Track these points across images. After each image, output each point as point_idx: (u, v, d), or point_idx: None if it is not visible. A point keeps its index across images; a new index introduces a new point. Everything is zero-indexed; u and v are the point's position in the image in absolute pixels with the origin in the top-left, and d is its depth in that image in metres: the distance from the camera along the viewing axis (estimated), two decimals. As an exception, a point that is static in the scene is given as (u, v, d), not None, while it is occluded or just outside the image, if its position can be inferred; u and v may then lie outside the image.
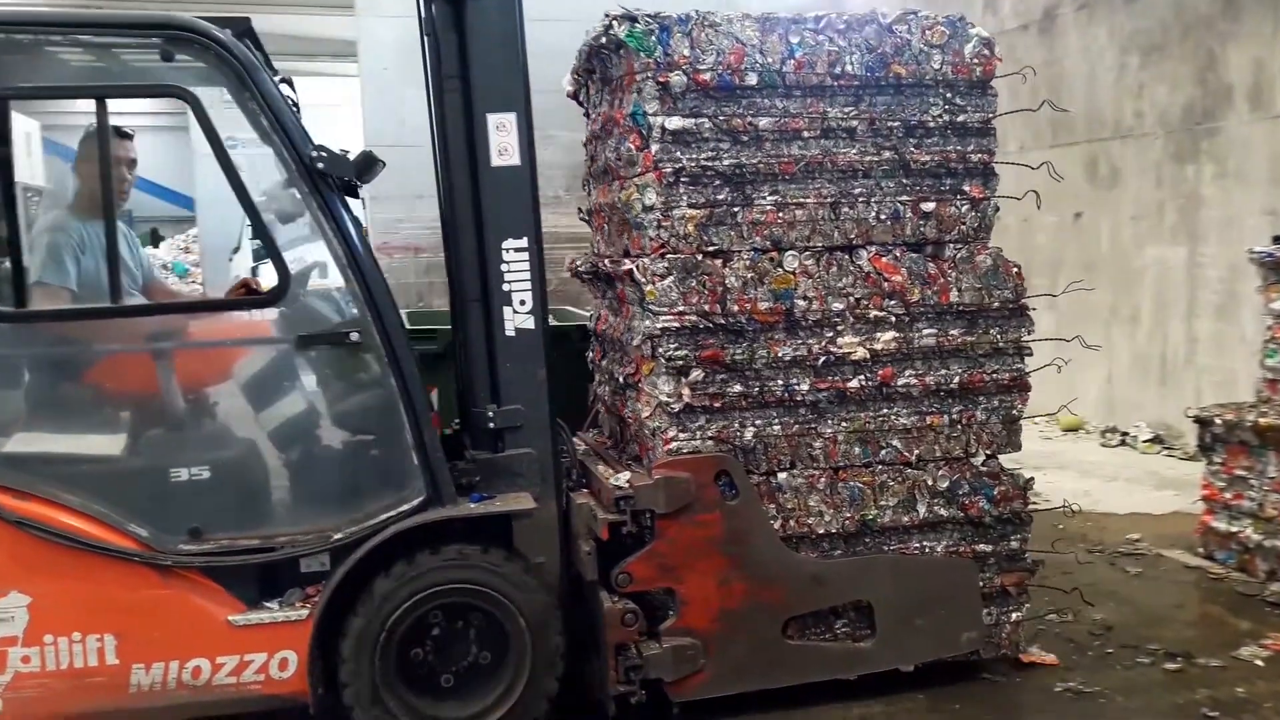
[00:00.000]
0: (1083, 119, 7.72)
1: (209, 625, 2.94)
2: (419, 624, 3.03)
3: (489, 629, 3.09)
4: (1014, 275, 3.45)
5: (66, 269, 3.09)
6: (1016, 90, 8.19)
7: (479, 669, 3.11)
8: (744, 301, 3.24)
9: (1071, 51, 7.85)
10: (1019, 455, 3.58)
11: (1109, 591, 4.43)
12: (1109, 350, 7.48)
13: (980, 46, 3.33)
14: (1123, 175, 7.41)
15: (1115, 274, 7.46)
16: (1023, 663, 3.67)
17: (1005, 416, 3.51)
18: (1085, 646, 3.86)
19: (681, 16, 3.13)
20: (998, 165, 3.43)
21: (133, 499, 2.89)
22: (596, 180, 3.79)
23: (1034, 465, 6.52)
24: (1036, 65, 7.98)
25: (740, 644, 3.29)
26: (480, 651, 3.10)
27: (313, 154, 2.87)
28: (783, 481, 3.34)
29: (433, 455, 3.06)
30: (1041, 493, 5.86)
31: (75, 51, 2.78)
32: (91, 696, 2.90)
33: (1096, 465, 6.79)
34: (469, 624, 3.08)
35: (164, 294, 3.51)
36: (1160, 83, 7.08)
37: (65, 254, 3.09)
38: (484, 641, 3.10)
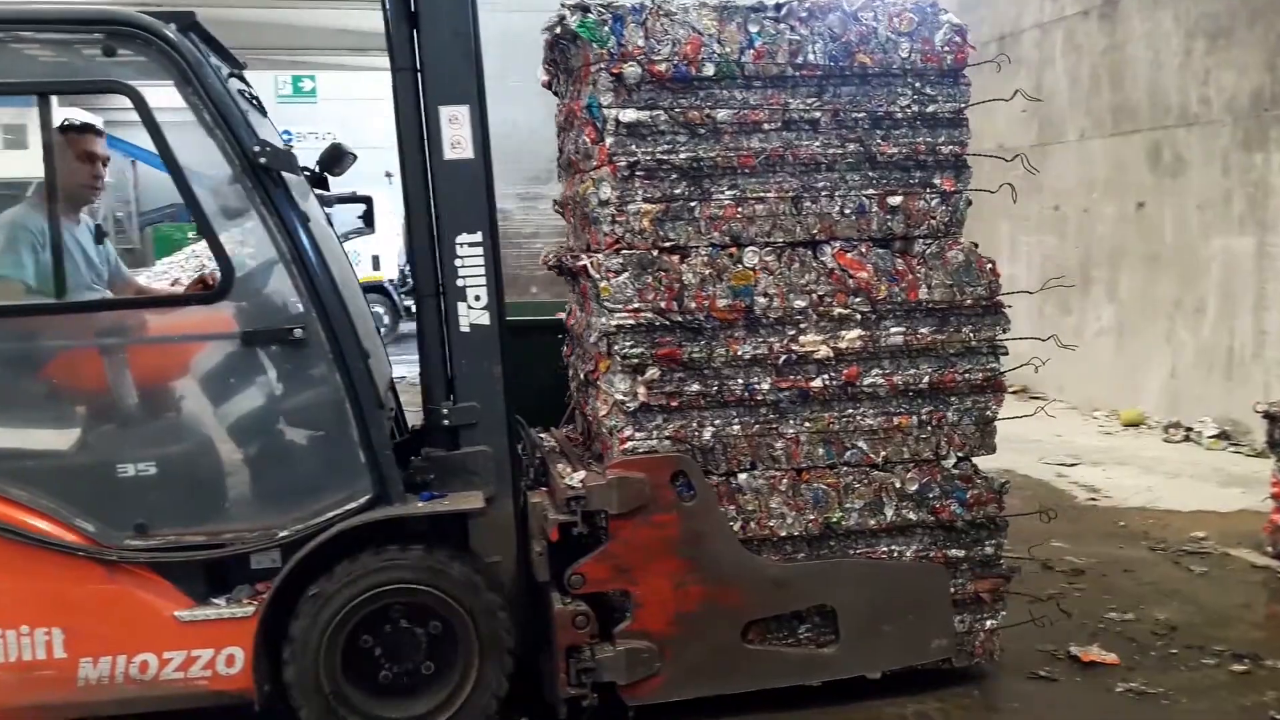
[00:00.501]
0: (1146, 106, 7.53)
1: (156, 621, 2.94)
2: (363, 624, 3.00)
3: (437, 629, 3.06)
4: (988, 272, 3.33)
5: (24, 262, 3.10)
6: (1077, 77, 8.04)
7: (428, 668, 3.08)
8: (702, 298, 3.16)
9: (1134, 37, 7.65)
10: (1076, 449, 3.47)
11: (1172, 590, 4.34)
12: (1173, 343, 7.29)
13: (951, 34, 3.21)
14: (1188, 163, 7.21)
15: (1180, 265, 7.26)
16: (1082, 662, 3.60)
17: (979, 418, 3.40)
18: (1148, 646, 3.78)
19: (635, 6, 3.05)
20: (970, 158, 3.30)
21: (80, 494, 2.90)
22: (565, 172, 3.73)
23: (1093, 461, 6.53)
24: (1098, 51, 7.89)
25: (697, 647, 3.23)
26: (429, 651, 3.07)
27: (255, 148, 2.84)
28: (743, 483, 3.26)
29: (380, 453, 3.03)
30: (1101, 489, 5.87)
31: (18, 48, 2.77)
32: (40, 690, 2.92)
33: (1159, 461, 6.63)
34: (416, 623, 3.05)
35: (131, 290, 3.52)
36: (1227, 68, 6.86)
37: (23, 248, 3.10)
38: (432, 641, 3.07)
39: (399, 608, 3.01)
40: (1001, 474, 3.53)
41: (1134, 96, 7.70)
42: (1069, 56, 8.34)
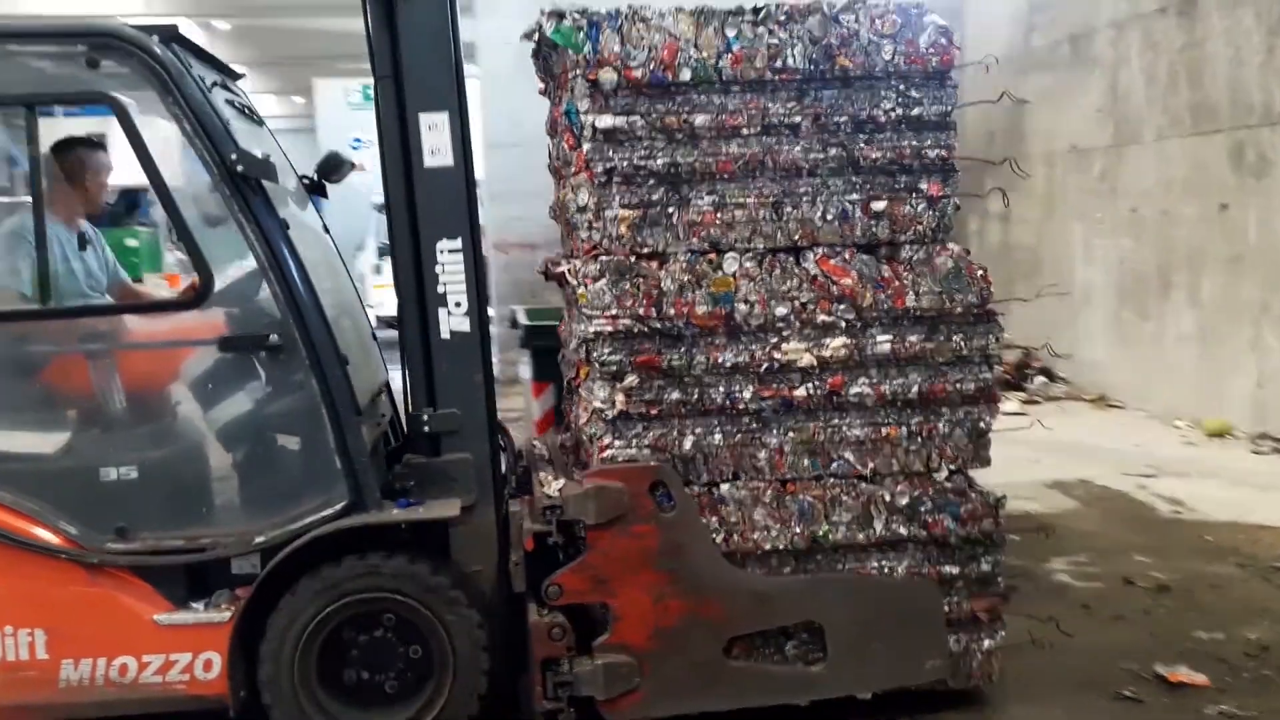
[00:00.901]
0: (1227, 105, 7.27)
1: (135, 624, 2.98)
2: (337, 631, 3.00)
3: (412, 637, 3.05)
4: (979, 278, 3.24)
5: (20, 268, 3.18)
6: (1155, 76, 7.85)
7: (403, 677, 3.07)
8: (681, 305, 3.12)
9: (1214, 34, 7.39)
10: (1157, 460, 3.34)
11: (1263, 609, 4.16)
12: (1259, 350, 7.01)
13: (937, 36, 3.14)
14: (1272, 163, 6.92)
15: (1266, 268, 6.96)
16: (1170, 682, 3.49)
17: (972, 429, 3.29)
18: (1239, 668, 3.63)
19: (611, 12, 3.04)
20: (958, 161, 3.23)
21: (63, 497, 2.95)
22: (555, 178, 3.73)
23: (1176, 472, 6.28)
24: (1176, 49, 7.68)
25: (678, 663, 3.16)
26: (403, 660, 3.06)
27: (233, 157, 2.88)
28: (726, 493, 3.20)
29: (357, 459, 3.03)
30: (1185, 502, 5.66)
31: (6, 61, 2.86)
32: (23, 690, 2.96)
33: (1248, 474, 6.32)
34: (391, 632, 3.04)
35: (132, 296, 3.59)
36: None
37: (21, 256, 3.18)
38: (407, 650, 3.06)
39: (372, 616, 3.00)
40: (1078, 484, 3.41)
41: (1214, 95, 7.42)
42: (1145, 55, 8.09)
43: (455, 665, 3.02)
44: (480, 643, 3.04)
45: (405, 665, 3.06)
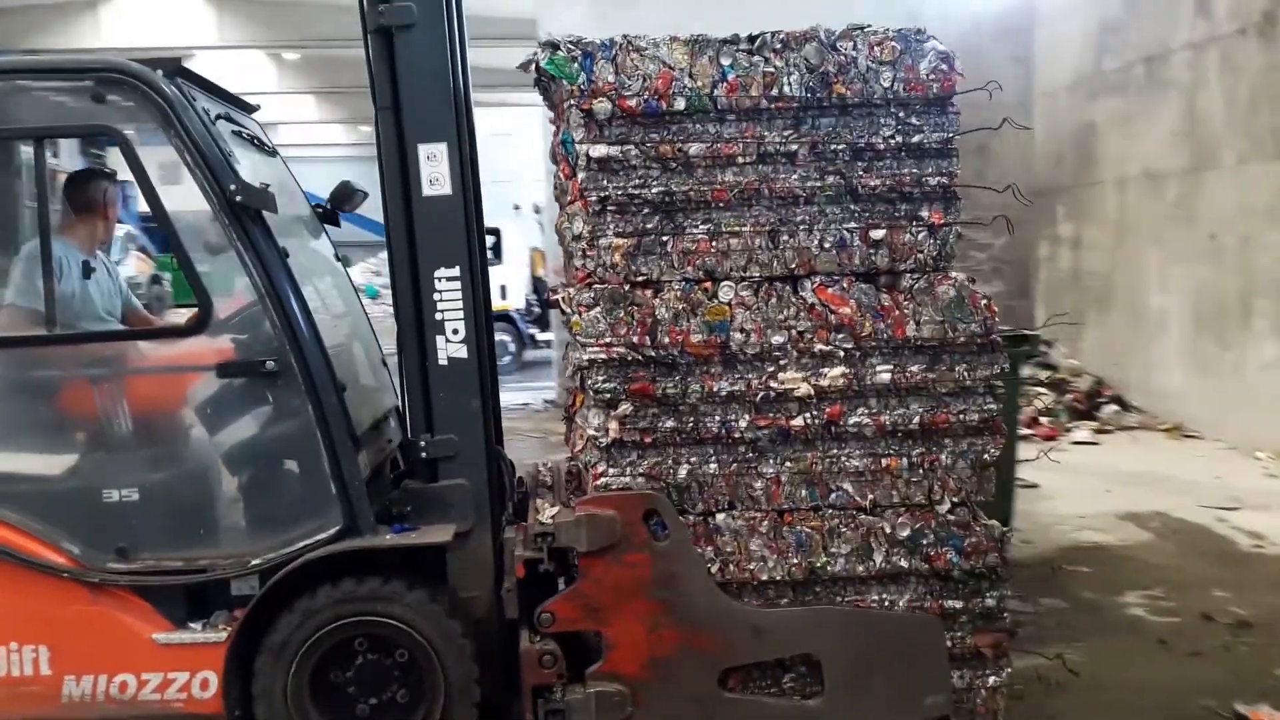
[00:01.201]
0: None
1: (135, 642, 3.04)
2: (330, 653, 3.03)
3: (405, 661, 3.07)
4: (983, 308, 3.17)
5: (38, 293, 3.28)
6: (1235, 99, 7.65)
7: (396, 700, 3.09)
8: (676, 333, 3.11)
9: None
10: (1238, 492, 3.23)
11: None
12: None
13: (938, 61, 3.09)
14: None
15: None
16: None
17: (975, 461, 3.22)
18: None
19: (605, 42, 3.05)
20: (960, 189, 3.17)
21: (66, 517, 3.03)
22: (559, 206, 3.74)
23: (1257, 505, 6.08)
24: (1257, 71, 7.48)
25: (672, 693, 3.14)
26: (397, 683, 3.08)
27: (231, 187, 2.94)
28: (721, 523, 3.17)
29: (351, 485, 3.07)
30: (1267, 536, 5.49)
31: (18, 96, 2.96)
32: (27, 705, 3.04)
33: None
34: (384, 655, 3.07)
35: (142, 321, 3.68)
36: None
37: (38, 279, 3.27)
38: (401, 673, 3.08)
39: (366, 639, 3.03)
40: (1153, 516, 3.32)
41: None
42: (1225, 77, 7.90)
43: (446, 689, 3.03)
44: (470, 668, 3.04)
45: (398, 688, 3.08)
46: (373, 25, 3.14)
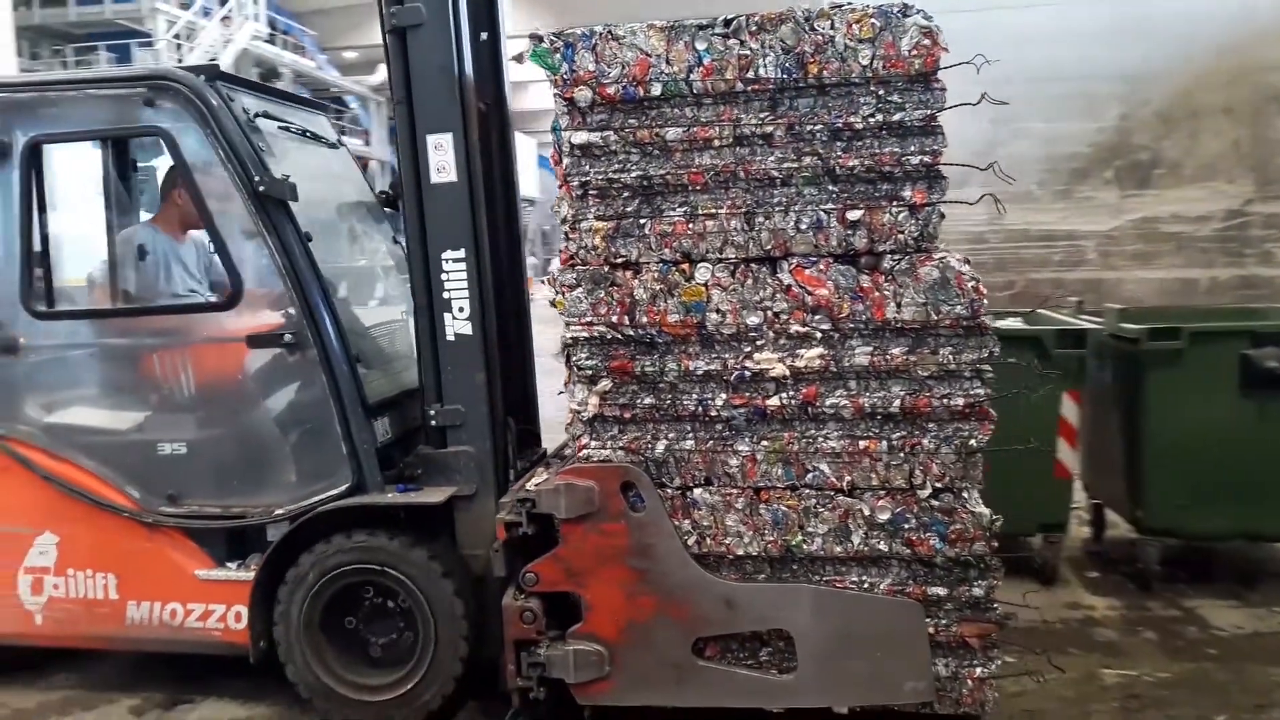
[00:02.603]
0: None
1: (182, 577, 3.50)
2: (339, 596, 3.38)
3: (405, 609, 3.37)
4: (970, 289, 3.09)
5: (127, 273, 3.79)
6: None
7: (396, 644, 3.40)
8: (654, 313, 3.22)
9: None
10: None
11: None
12: None
13: (919, 37, 3.02)
14: None
15: None
16: None
17: (961, 447, 3.15)
18: None
19: (586, 32, 3.17)
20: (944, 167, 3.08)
21: (129, 465, 3.52)
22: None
23: None
24: None
25: (647, 657, 3.27)
26: (395, 628, 3.39)
27: (256, 179, 3.30)
28: (698, 498, 3.26)
29: (360, 446, 3.40)
30: None
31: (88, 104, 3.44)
32: (100, 624, 3.57)
33: None
34: (385, 602, 3.38)
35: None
36: None
37: (128, 260, 3.78)
38: (400, 620, 3.39)
39: (366, 585, 3.35)
40: None
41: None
42: None
43: (437, 633, 3.30)
44: (458, 613, 3.30)
45: (399, 633, 3.39)
46: (388, 25, 3.41)
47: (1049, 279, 7.67)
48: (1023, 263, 7.82)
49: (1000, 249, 7.62)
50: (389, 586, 3.35)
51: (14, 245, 3.46)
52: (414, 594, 3.32)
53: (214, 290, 4.04)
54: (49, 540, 3.56)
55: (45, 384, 3.59)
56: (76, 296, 3.76)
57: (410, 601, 3.33)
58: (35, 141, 3.40)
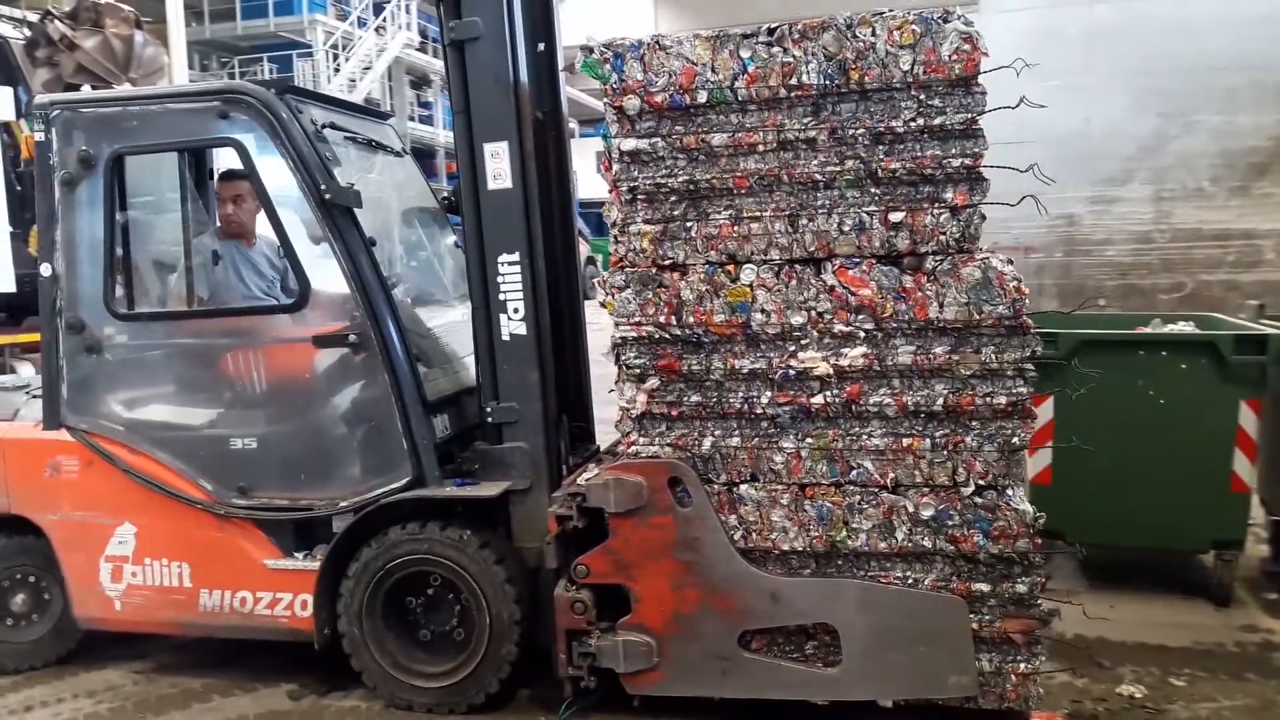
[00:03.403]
0: None
1: (252, 566, 3.68)
2: (399, 585, 3.52)
3: (460, 598, 3.51)
4: (1011, 289, 3.13)
5: (202, 279, 4.00)
6: None
7: (450, 632, 3.53)
8: (700, 314, 3.32)
9: None
10: None
11: None
12: None
13: (960, 43, 3.08)
14: None
15: None
16: None
17: (1004, 445, 3.19)
18: None
19: (634, 43, 3.30)
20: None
21: (202, 459, 3.71)
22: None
23: None
24: None
25: (694, 648, 3.37)
26: (453, 616, 3.52)
27: (322, 187, 3.48)
28: (744, 493, 3.35)
29: (420, 442, 3.54)
30: None
31: (168, 118, 3.65)
32: (175, 610, 3.77)
33: None
34: (444, 592, 3.52)
35: None
36: None
37: (202, 268, 4.00)
38: (457, 609, 3.52)
39: (426, 575, 3.50)
40: None
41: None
42: None
43: (491, 620, 3.43)
44: (512, 609, 3.42)
45: (456, 622, 3.52)
46: (447, 39, 3.56)
47: (1222, 281, 7.29)
48: (1193, 263, 7.44)
49: (1168, 249, 7.32)
50: (447, 576, 3.48)
51: (99, 251, 3.67)
52: (468, 582, 3.45)
53: (285, 292, 4.24)
54: (128, 530, 3.77)
55: (126, 382, 3.81)
56: (158, 299, 3.97)
57: (466, 590, 3.46)
58: (118, 153, 3.62)
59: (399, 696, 3.53)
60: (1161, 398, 4.23)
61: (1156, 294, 7.35)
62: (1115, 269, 7.46)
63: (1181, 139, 6.76)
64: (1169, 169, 6.95)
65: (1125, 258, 6.56)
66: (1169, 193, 5.38)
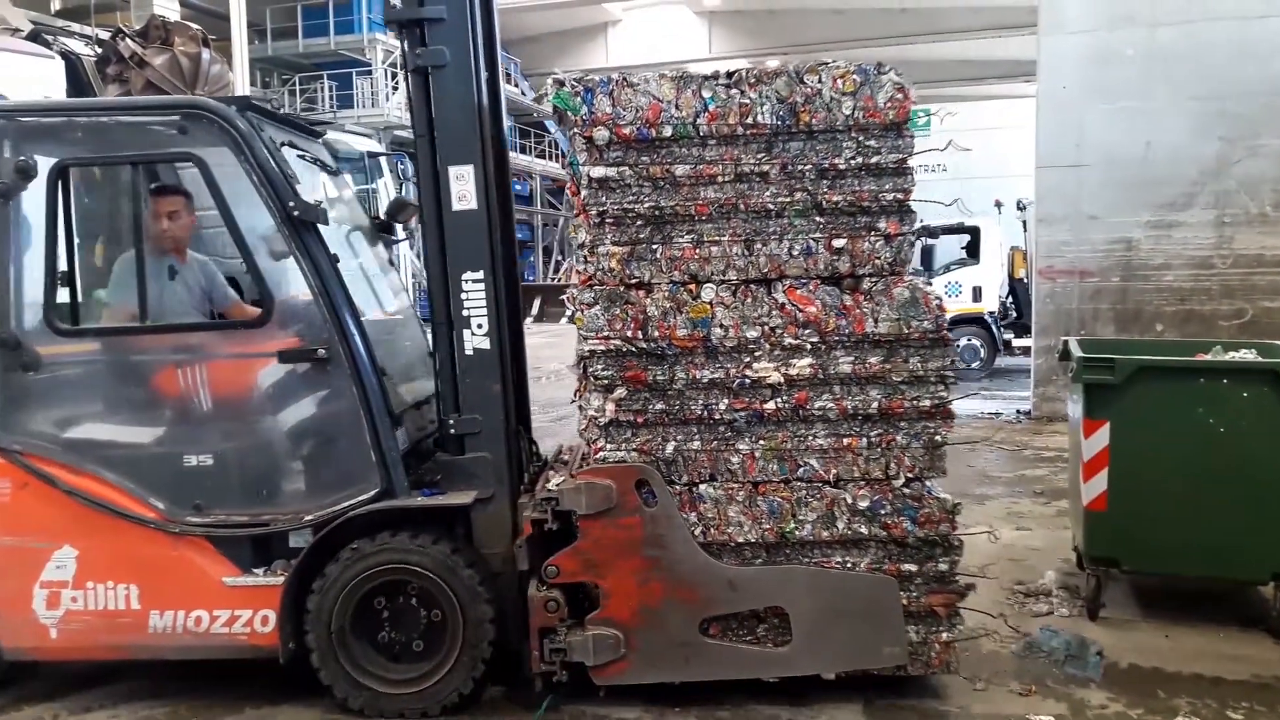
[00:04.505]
0: None
1: (209, 584, 3.64)
2: (369, 595, 3.60)
3: (430, 604, 3.62)
4: (934, 307, 3.62)
5: (130, 293, 3.89)
6: None
7: (422, 637, 3.64)
8: (664, 328, 3.62)
9: None
10: None
11: None
12: None
13: (894, 92, 3.56)
14: None
15: None
16: None
17: (928, 441, 3.67)
18: None
19: (604, 79, 3.57)
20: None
21: (153, 478, 3.64)
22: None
23: None
24: None
25: (659, 638, 3.64)
26: (423, 623, 3.63)
27: (290, 204, 3.53)
28: (704, 492, 3.67)
29: (388, 454, 3.63)
30: None
31: (119, 128, 3.58)
32: (121, 635, 3.66)
33: None
34: (416, 599, 3.62)
35: (235, 311, 4.20)
36: None
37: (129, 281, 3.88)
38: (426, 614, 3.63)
39: (396, 583, 3.59)
40: None
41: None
42: None
43: (465, 623, 3.57)
44: (484, 602, 3.57)
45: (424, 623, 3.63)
46: (412, 65, 3.70)
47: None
48: (1255, 290, 7.30)
49: (1229, 275, 7.23)
50: (421, 583, 3.59)
51: (39, 265, 3.54)
52: (442, 587, 3.57)
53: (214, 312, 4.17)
54: (68, 554, 3.62)
55: (69, 400, 3.66)
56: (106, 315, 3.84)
57: (440, 595, 3.58)
58: (63, 165, 3.51)
59: (372, 705, 3.60)
60: (1221, 426, 4.16)
61: (1217, 320, 7.17)
62: (1174, 294, 7.29)
63: (1244, 163, 6.66)
64: (1231, 194, 6.77)
65: (1185, 283, 6.43)
66: (1231, 218, 5.31)
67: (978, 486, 6.88)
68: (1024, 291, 12.44)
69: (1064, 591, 4.82)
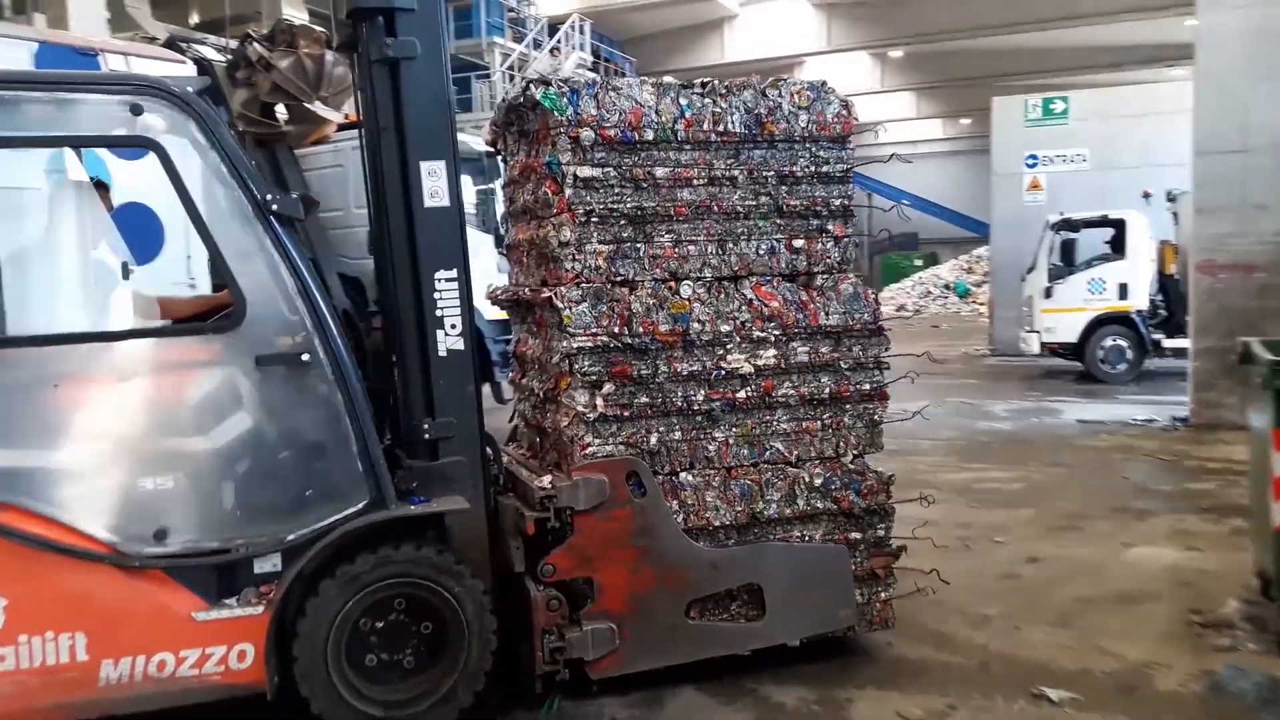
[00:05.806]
0: None
1: (174, 621, 3.22)
2: (364, 614, 3.38)
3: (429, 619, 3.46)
4: (872, 301, 4.07)
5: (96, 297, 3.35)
6: None
7: (423, 654, 3.47)
8: (647, 324, 3.75)
9: None
10: None
11: None
12: None
13: (839, 108, 3.96)
14: None
15: None
16: None
17: (868, 421, 4.10)
18: None
19: (589, 82, 3.66)
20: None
21: (104, 506, 3.17)
22: (515, 219, 4.26)
23: None
24: None
25: (648, 625, 3.75)
26: (420, 637, 3.47)
27: (267, 197, 3.25)
28: (684, 480, 3.84)
29: (376, 463, 3.43)
30: None
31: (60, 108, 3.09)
32: (64, 692, 3.13)
33: None
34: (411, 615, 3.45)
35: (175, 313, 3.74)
36: None
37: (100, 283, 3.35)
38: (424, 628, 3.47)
39: (399, 599, 3.41)
40: None
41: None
42: None
43: (471, 633, 3.46)
44: (487, 608, 3.49)
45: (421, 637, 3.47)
46: (377, 56, 3.53)
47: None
48: None
49: None
50: (425, 596, 3.43)
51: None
52: (447, 599, 3.44)
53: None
54: (-9, 606, 3.06)
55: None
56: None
57: (445, 607, 3.44)
58: (-13, 145, 2.96)
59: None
60: None
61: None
62: (1351, 292, 6.61)
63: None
64: None
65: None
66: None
67: (1135, 500, 6.47)
68: (1176, 288, 11.94)
69: (1249, 624, 4.31)
